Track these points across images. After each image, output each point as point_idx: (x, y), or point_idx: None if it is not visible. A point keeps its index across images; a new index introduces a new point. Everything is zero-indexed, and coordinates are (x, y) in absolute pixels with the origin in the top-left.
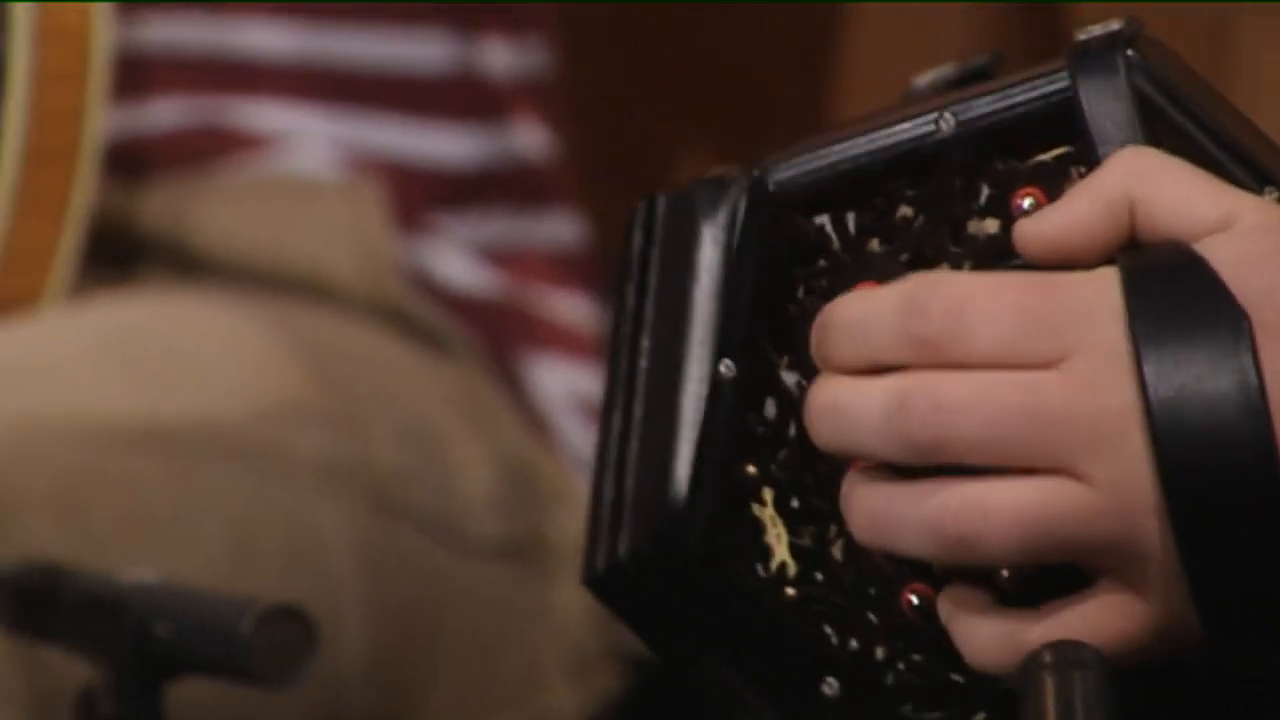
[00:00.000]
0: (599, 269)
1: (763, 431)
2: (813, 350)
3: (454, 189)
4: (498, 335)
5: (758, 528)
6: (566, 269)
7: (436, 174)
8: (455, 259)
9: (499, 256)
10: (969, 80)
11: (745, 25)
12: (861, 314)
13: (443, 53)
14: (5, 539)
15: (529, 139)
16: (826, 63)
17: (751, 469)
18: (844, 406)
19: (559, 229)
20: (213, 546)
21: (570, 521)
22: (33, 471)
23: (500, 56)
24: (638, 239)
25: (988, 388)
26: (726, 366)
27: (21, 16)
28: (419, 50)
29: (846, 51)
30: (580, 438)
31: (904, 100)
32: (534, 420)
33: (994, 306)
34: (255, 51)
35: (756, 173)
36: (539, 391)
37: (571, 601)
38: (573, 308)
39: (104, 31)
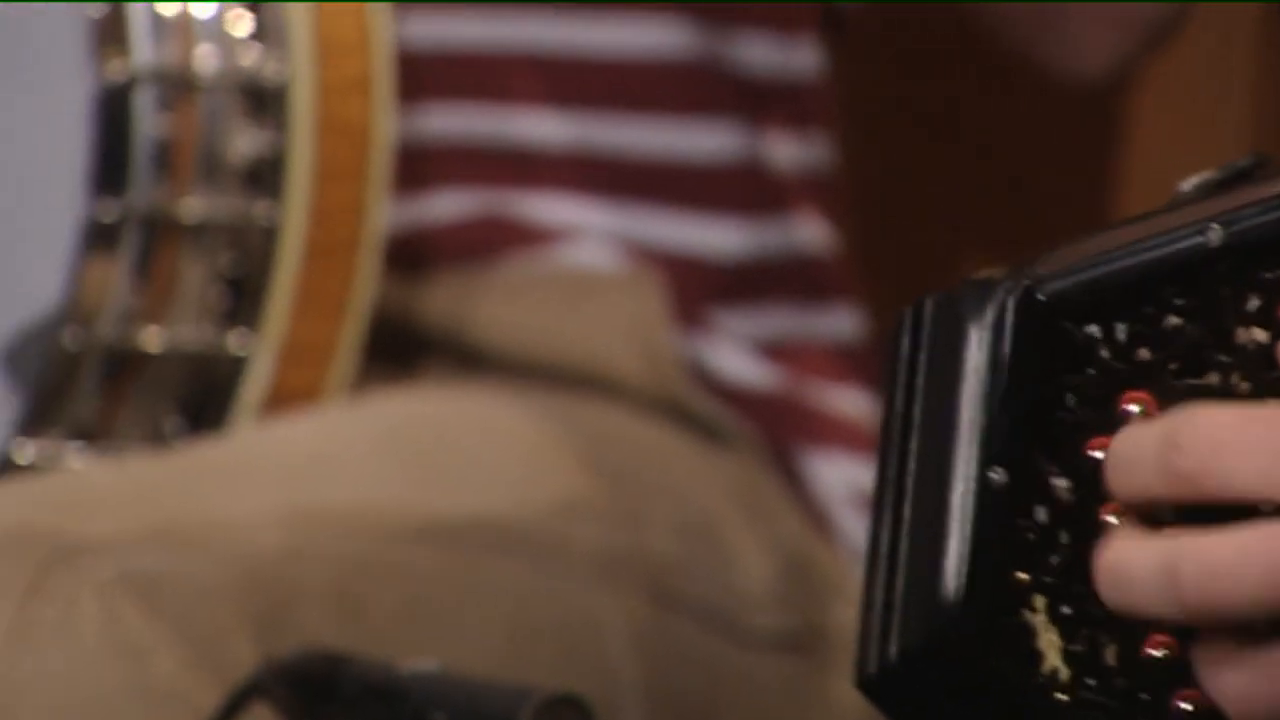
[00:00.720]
0: (876, 363)
1: (1033, 538)
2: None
3: (734, 282)
4: (776, 428)
5: (1029, 633)
6: (844, 363)
7: (717, 267)
8: (734, 352)
9: (778, 350)
10: (1233, 183)
11: (1022, 124)
12: (1128, 449)
13: (725, 145)
14: (285, 629)
15: (809, 233)
16: (1102, 160)
17: (1023, 575)
18: (1122, 568)
19: (838, 323)
20: (490, 636)
21: (847, 614)
22: (312, 563)
23: (783, 149)
24: (906, 340)
25: (1255, 547)
26: (997, 473)
27: (302, 111)
28: (701, 142)
29: (1122, 149)
30: (857, 530)
31: (1171, 204)
32: (811, 513)
33: (1254, 442)
34: (534, 143)
35: (1027, 281)
36: (816, 484)
37: (848, 694)
38: (850, 401)
39: (385, 125)
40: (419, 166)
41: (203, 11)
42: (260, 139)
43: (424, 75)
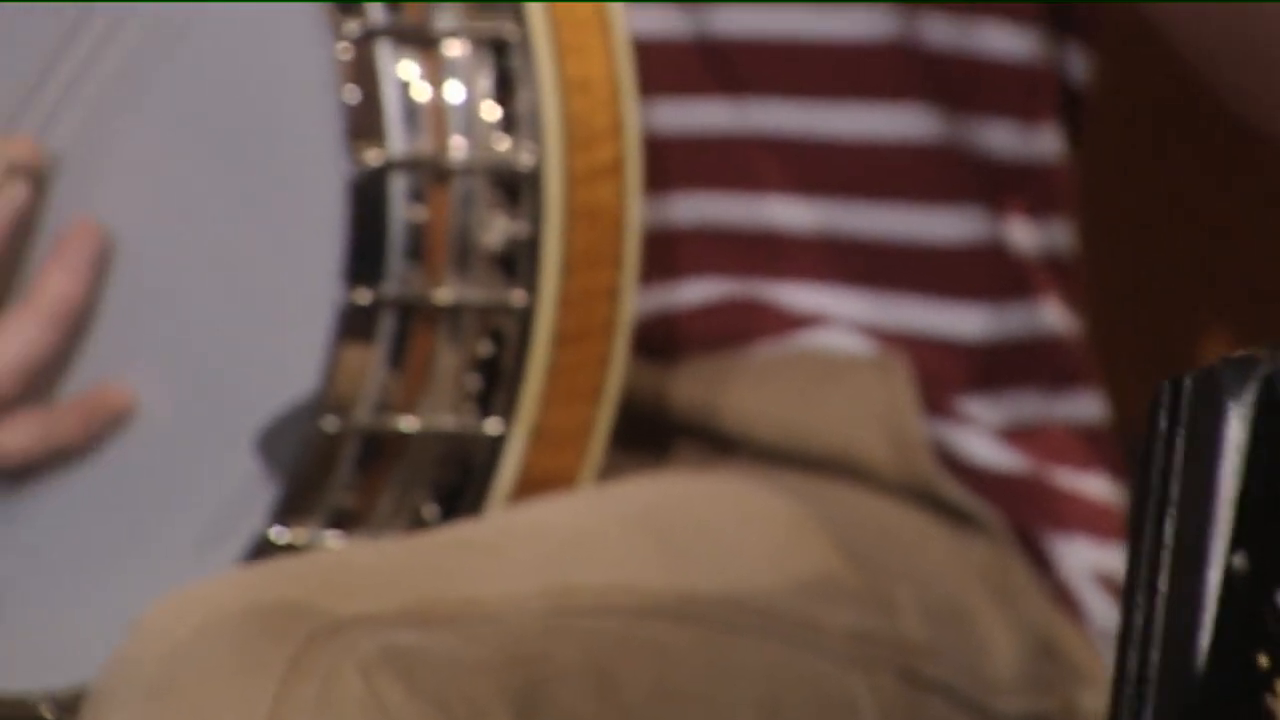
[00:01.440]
0: (1120, 446)
1: (1275, 626)
2: None
3: (980, 366)
4: (1021, 511)
5: (1269, 718)
6: (1088, 446)
7: (963, 351)
8: (980, 436)
9: (1023, 434)
10: None
11: (1265, 208)
12: None
13: (968, 229)
14: (541, 706)
15: (1052, 316)
16: None
17: (1264, 660)
18: None
19: (1081, 406)
20: (743, 715)
21: (1094, 700)
22: (567, 641)
23: (1024, 233)
24: (1162, 418)
25: None
26: (1241, 558)
27: (554, 198)
28: (945, 227)
29: None
30: (1104, 612)
31: None
32: (1058, 595)
33: None
34: (781, 229)
35: None
36: (1062, 567)
37: None
38: (1094, 485)
39: (635, 211)
40: (668, 253)
41: (455, 99)
42: (512, 225)
43: (672, 162)
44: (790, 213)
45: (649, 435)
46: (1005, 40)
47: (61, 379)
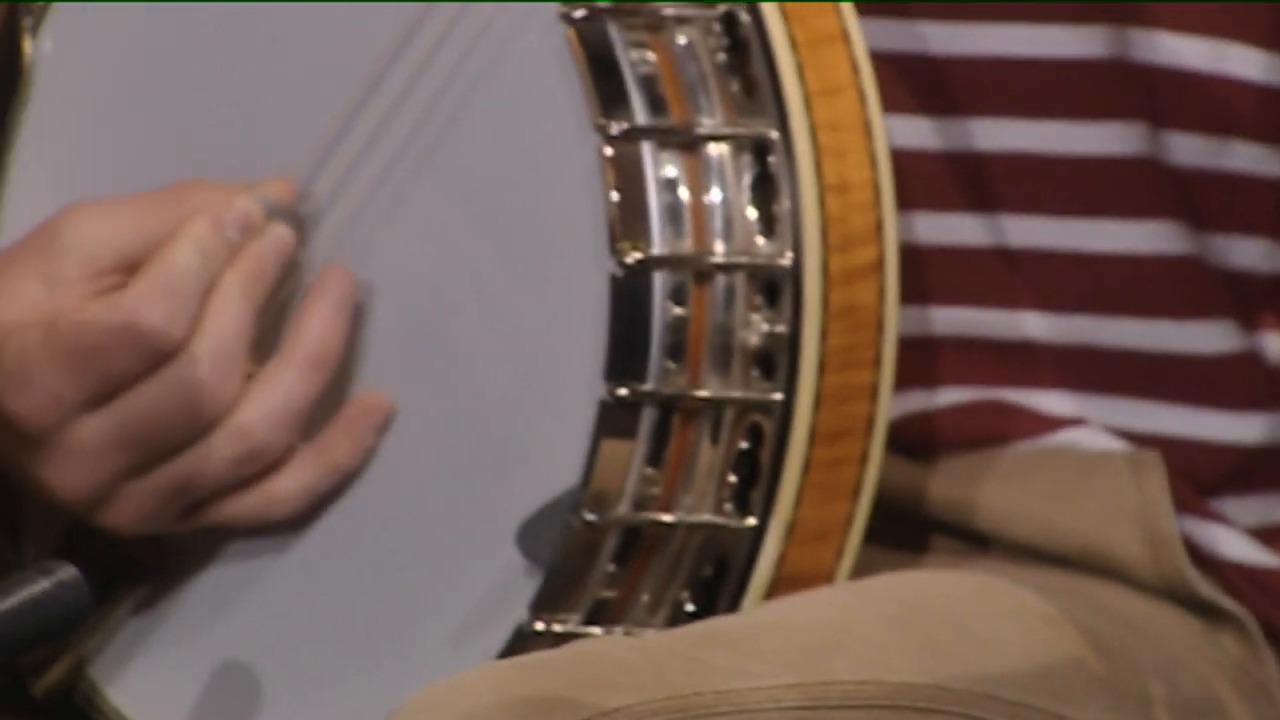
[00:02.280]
0: None
1: None
2: None
3: (1232, 469)
4: (1275, 610)
5: None
6: None
7: (1215, 455)
8: (1234, 534)
9: (1274, 533)
10: None
11: None
12: None
13: (1220, 341)
14: None
15: None
16: None
17: None
18: None
19: None
20: None
21: None
22: None
23: (1277, 343)
24: None
25: None
26: None
27: (812, 297)
28: (1196, 339)
29: None
30: None
31: None
32: None
33: None
34: (1035, 341)
35: None
36: None
37: None
38: None
39: (894, 314)
40: (923, 359)
41: (716, 199)
42: (771, 324)
43: (927, 273)
44: (1043, 325)
45: (902, 531)
46: (1254, 160)
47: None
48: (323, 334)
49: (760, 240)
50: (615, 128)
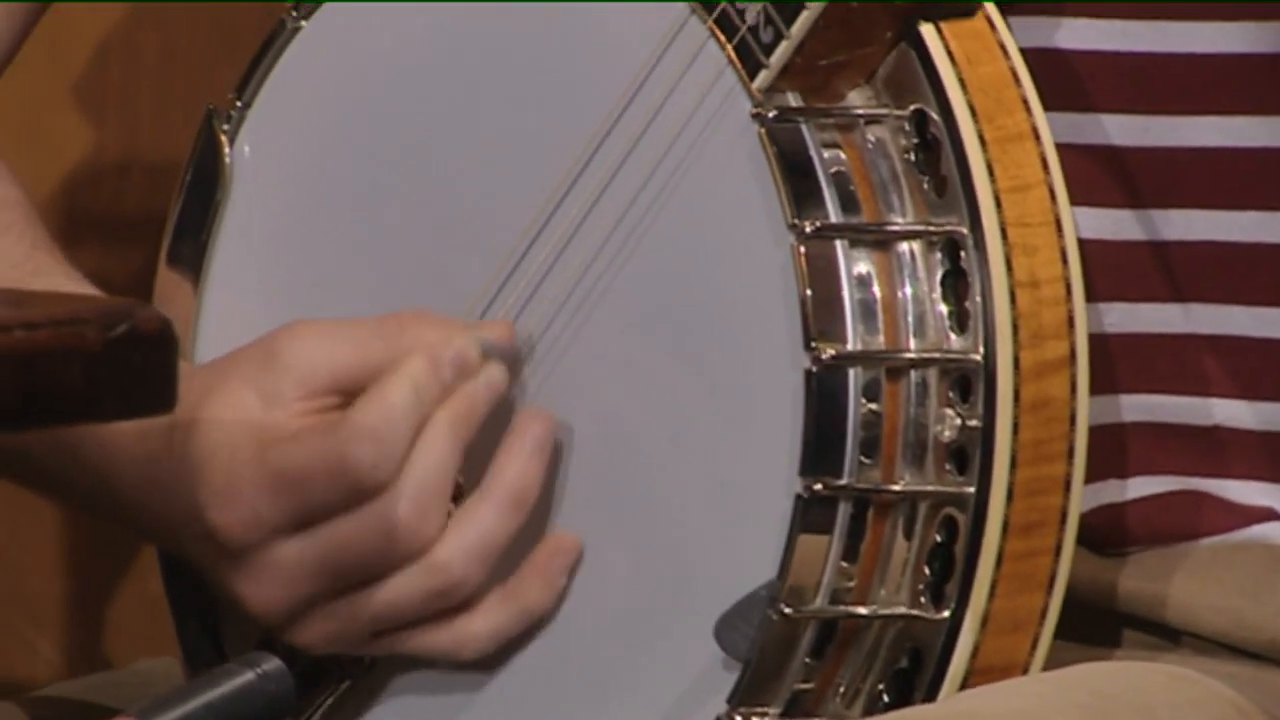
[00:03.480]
0: None
1: None
2: None
3: None
4: None
5: None
6: None
7: None
8: None
9: None
10: None
11: None
12: None
13: None
14: None
15: None
16: None
17: None
18: None
19: None
20: None
21: None
22: None
23: None
24: None
25: None
26: None
27: (1004, 393)
28: None
29: None
30: None
31: None
32: None
33: None
34: (1228, 429)
35: None
36: None
37: None
38: None
39: (1085, 407)
40: (1114, 449)
41: (908, 295)
42: (964, 419)
43: (1119, 362)
44: (1236, 413)
45: (1092, 624)
46: None
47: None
48: (521, 474)
49: (952, 336)
50: (808, 226)
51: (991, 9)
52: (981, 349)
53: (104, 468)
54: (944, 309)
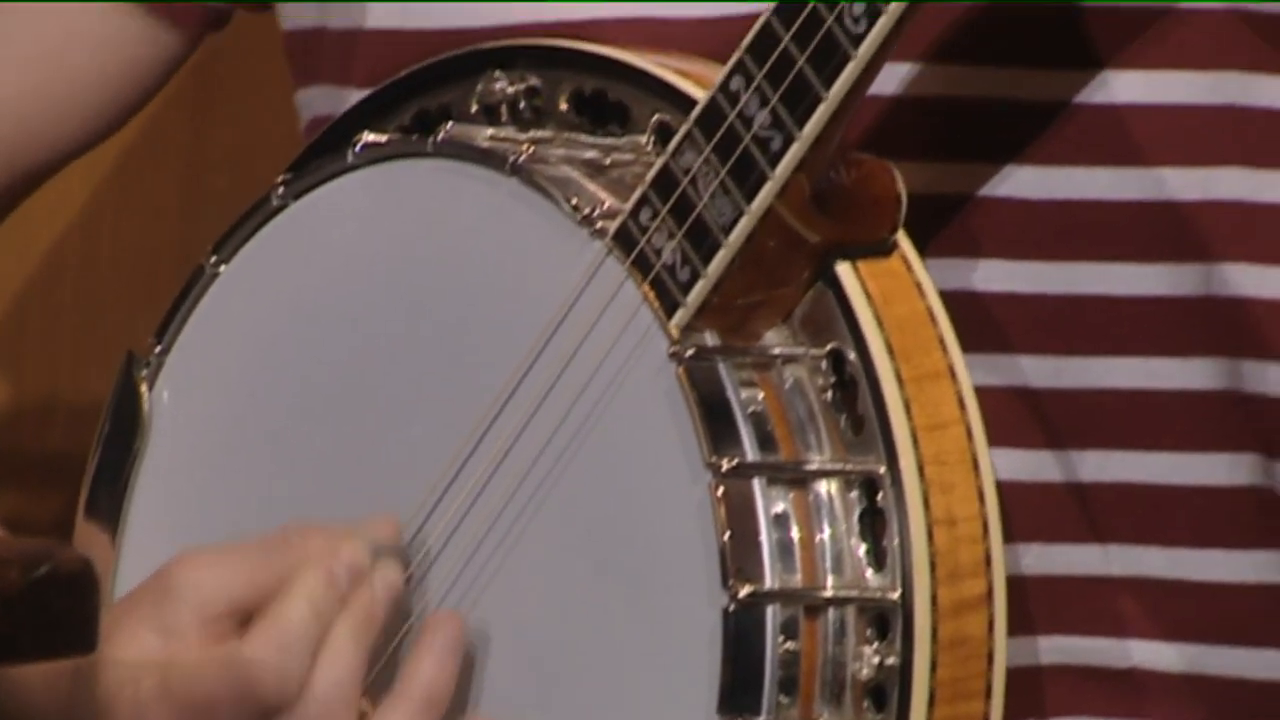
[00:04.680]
0: None
1: None
2: None
3: None
4: None
5: None
6: None
7: None
8: None
9: None
10: None
11: None
12: None
13: None
14: None
15: None
16: None
17: None
18: None
19: None
20: None
21: None
22: None
23: None
24: None
25: None
26: None
27: (922, 631)
28: None
29: None
30: None
31: None
32: None
33: None
34: (1147, 671)
35: None
36: None
37: None
38: None
39: (1003, 643)
40: (1032, 690)
41: (825, 534)
42: (883, 657)
43: (1036, 603)
44: (1154, 654)
45: None
46: None
47: None
48: (434, 676)
49: (870, 574)
50: (725, 464)
51: (908, 249)
52: (899, 587)
53: (17, 713)
54: (862, 547)
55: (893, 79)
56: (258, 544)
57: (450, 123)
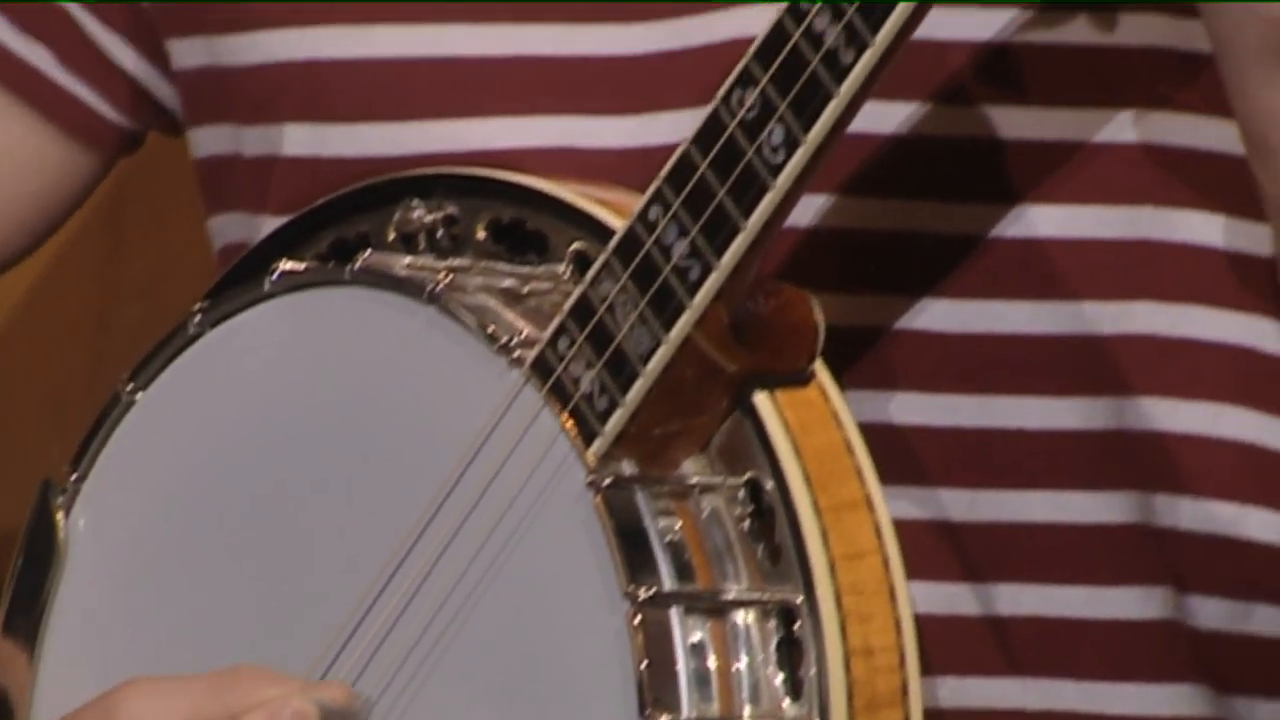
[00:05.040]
0: None
1: None
2: None
3: None
4: None
5: None
6: None
7: None
8: None
9: None
10: None
11: None
12: None
13: None
14: None
15: None
16: None
17: None
18: None
19: None
20: None
21: None
22: None
23: None
24: None
25: None
26: None
27: None
28: None
29: None
30: None
31: None
32: None
33: None
34: None
35: None
36: None
37: None
38: None
39: None
40: None
41: (742, 664)
42: None
43: None
44: None
45: None
46: (1276, 622)
47: None
48: None
49: (787, 703)
50: (643, 594)
51: (825, 379)
52: (816, 716)
53: None
54: (779, 676)
55: (809, 210)
56: (208, 679)
57: (368, 251)
